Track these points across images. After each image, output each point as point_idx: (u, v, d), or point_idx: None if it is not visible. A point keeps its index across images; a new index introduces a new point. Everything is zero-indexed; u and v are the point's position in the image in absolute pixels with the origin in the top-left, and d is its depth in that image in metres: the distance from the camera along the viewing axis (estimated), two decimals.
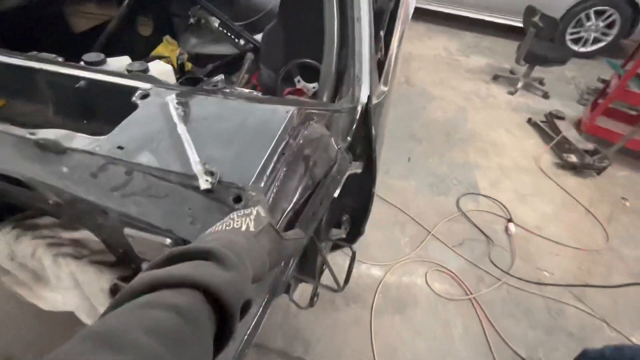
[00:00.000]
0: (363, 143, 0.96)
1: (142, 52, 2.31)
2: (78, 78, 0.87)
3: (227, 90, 0.87)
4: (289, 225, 0.76)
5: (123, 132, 0.73)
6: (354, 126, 0.90)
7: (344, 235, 1.31)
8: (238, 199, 0.66)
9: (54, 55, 0.93)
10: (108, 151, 0.69)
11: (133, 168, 0.68)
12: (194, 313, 0.32)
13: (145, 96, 0.81)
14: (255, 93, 0.89)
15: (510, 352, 1.65)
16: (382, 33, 1.29)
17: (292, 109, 0.83)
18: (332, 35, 0.96)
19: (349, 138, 0.90)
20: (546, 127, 3.06)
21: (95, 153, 0.68)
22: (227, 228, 0.49)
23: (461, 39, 4.73)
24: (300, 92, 1.78)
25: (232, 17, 2.50)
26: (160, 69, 1.00)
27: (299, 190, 0.76)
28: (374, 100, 0.97)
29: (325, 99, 0.94)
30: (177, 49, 2.42)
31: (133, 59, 2.23)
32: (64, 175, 0.73)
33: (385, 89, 1.10)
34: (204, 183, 0.64)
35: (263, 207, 0.55)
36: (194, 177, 0.66)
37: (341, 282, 1.15)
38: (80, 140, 0.70)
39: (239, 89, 0.88)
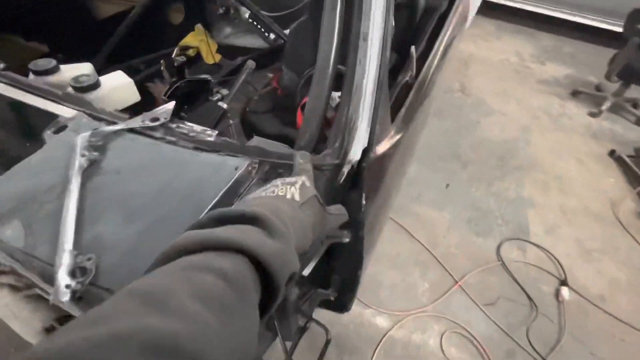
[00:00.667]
0: (352, 208, 0.70)
1: (170, 41, 2.20)
2: None
3: (173, 126, 0.66)
4: None
5: (7, 182, 0.55)
6: (336, 192, 0.64)
7: (332, 298, 1.06)
8: None
9: None
10: None
11: None
12: (241, 280, 0.32)
13: (60, 129, 0.63)
14: (209, 132, 0.66)
15: None
16: (413, 51, 0.97)
17: (244, 164, 0.59)
18: (326, 59, 0.69)
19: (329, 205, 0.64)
20: (634, 165, 2.44)
21: None
22: (271, 195, 0.48)
23: (537, 42, 4.02)
24: None
25: (269, 7, 2.30)
26: (117, 84, 0.82)
27: None
28: (379, 151, 0.69)
29: (306, 146, 0.68)
30: (206, 39, 2.27)
31: (160, 49, 2.14)
32: None
33: (402, 131, 0.80)
34: (62, 291, 0.44)
35: (309, 178, 0.54)
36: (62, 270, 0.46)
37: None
38: None
39: (189, 125, 0.66)
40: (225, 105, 1.12)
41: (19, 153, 0.63)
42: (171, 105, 0.67)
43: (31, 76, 0.79)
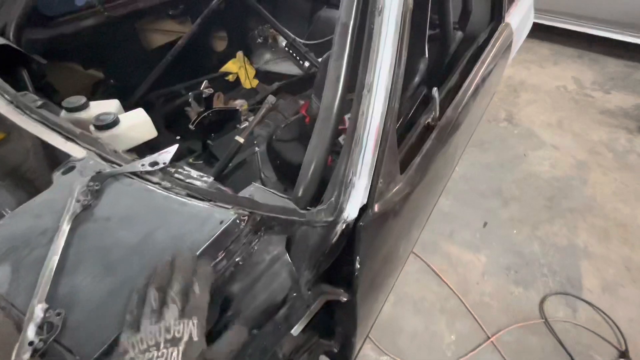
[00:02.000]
0: (345, 271, 0.64)
1: (213, 67, 2.34)
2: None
3: (172, 171, 0.66)
4: None
5: (7, 223, 0.58)
6: (327, 253, 0.59)
7: (335, 350, 0.99)
8: None
9: (35, 98, 0.85)
10: None
11: None
12: None
13: (68, 170, 0.66)
14: (205, 179, 0.65)
15: None
16: (435, 92, 0.90)
17: (230, 218, 0.57)
18: (329, 108, 0.65)
19: (319, 268, 0.59)
20: None
21: None
22: None
23: (601, 68, 3.64)
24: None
25: (308, 35, 2.36)
26: (135, 122, 0.86)
27: None
28: (381, 207, 0.63)
29: (300, 198, 0.64)
30: (245, 65, 2.38)
31: (202, 74, 2.27)
32: None
33: (407, 189, 0.73)
34: (24, 348, 0.43)
35: (200, 320, 0.42)
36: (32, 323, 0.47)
37: None
38: None
39: (187, 170, 0.66)
40: (241, 140, 1.13)
41: (45, 181, 0.67)
42: (173, 149, 0.68)
43: (63, 113, 0.86)
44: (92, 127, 0.82)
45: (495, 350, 1.57)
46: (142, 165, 0.65)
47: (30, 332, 0.45)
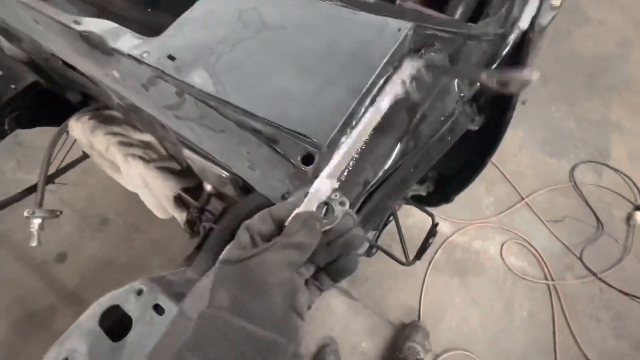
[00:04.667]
0: (498, 93, 0.66)
1: None
2: None
3: None
4: (369, 196, 0.58)
5: (177, 34, 0.55)
6: (495, 64, 0.59)
7: (423, 193, 1.10)
8: (308, 159, 0.49)
9: None
10: (157, 61, 0.53)
11: (184, 90, 0.52)
12: None
13: None
14: None
15: (578, 353, 1.45)
16: None
17: (407, 27, 0.56)
18: None
19: (480, 82, 0.61)
20: None
21: (142, 61, 0.54)
22: None
23: None
24: None
25: None
26: None
27: (394, 154, 0.54)
28: (542, 24, 0.62)
29: (458, 15, 0.62)
30: None
31: None
32: (117, 80, 0.61)
33: (559, 2, 0.70)
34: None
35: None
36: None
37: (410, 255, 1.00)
38: (127, 41, 0.55)
39: None
40: None
41: (140, 17, 0.62)
42: None
43: None
44: None
45: (528, 209, 1.77)
46: None
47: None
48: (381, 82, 0.53)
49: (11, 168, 1.91)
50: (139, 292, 0.52)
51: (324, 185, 0.38)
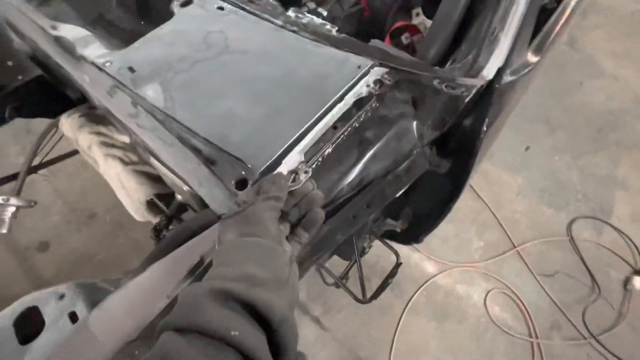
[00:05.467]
0: (463, 137, 0.65)
1: None
2: None
3: (292, 15, 0.63)
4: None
5: (143, 48, 0.57)
6: (458, 112, 0.59)
7: (397, 230, 1.08)
8: (242, 184, 0.48)
9: None
10: (117, 71, 0.55)
11: (137, 101, 0.53)
12: None
13: (186, 3, 0.62)
14: (328, 27, 0.62)
15: None
16: None
17: (367, 64, 0.56)
18: None
19: (443, 127, 0.60)
20: None
21: (103, 70, 0.55)
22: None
23: None
24: (413, 29, 1.39)
25: None
26: None
27: (342, 185, 0.54)
28: (507, 78, 0.61)
29: (429, 57, 0.62)
30: None
31: None
32: (88, 84, 0.63)
33: (535, 59, 0.70)
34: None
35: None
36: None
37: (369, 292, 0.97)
38: (95, 50, 0.58)
39: (309, 17, 0.63)
40: None
41: (132, 27, 0.65)
42: None
43: None
44: None
45: (519, 258, 1.70)
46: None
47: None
48: (335, 113, 0.53)
49: (15, 152, 1.98)
50: (61, 297, 0.51)
51: (293, 158, 0.49)
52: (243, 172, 0.47)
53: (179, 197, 0.92)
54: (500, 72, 0.58)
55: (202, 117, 0.50)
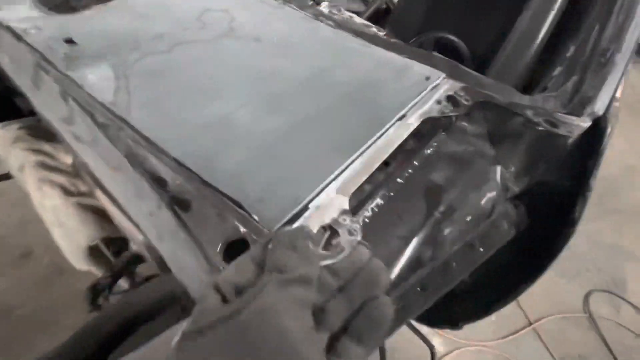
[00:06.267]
0: (553, 194, 0.46)
1: None
2: None
3: (323, 9, 0.46)
4: None
5: (97, 17, 0.37)
6: (561, 159, 0.40)
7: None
8: (234, 250, 0.26)
9: None
10: (44, 42, 0.34)
11: (67, 90, 0.32)
12: None
13: None
14: (374, 30, 0.45)
15: None
16: None
17: (439, 75, 0.38)
18: None
19: (533, 178, 0.41)
20: None
21: (22, 39, 0.34)
22: None
23: None
24: None
25: None
26: None
27: (404, 256, 0.32)
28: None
29: (508, 81, 0.45)
30: None
31: None
32: (8, 67, 0.41)
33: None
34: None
35: None
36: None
37: None
38: (21, 10, 0.37)
39: (348, 14, 0.46)
40: None
41: None
42: None
43: None
44: None
45: (536, 337, 1.47)
46: None
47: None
48: (388, 147, 0.33)
49: None
50: None
51: (330, 203, 0.26)
52: (241, 228, 0.25)
53: (133, 247, 0.67)
54: (611, 103, 0.42)
55: (176, 125, 0.29)
